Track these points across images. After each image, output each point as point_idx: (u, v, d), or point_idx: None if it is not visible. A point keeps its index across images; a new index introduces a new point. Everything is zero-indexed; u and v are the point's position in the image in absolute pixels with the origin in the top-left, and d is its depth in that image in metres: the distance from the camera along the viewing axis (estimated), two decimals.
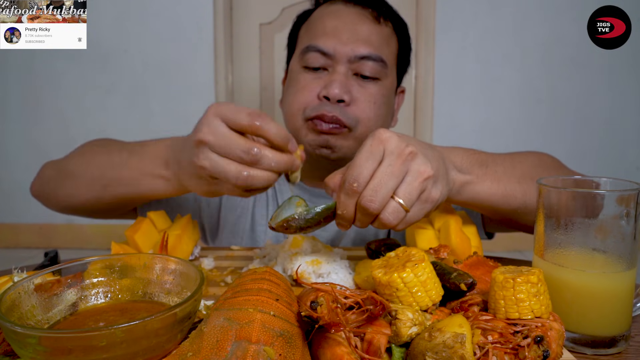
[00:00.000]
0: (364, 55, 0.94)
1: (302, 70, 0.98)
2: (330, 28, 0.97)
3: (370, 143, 0.62)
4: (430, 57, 3.11)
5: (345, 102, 0.93)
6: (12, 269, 0.62)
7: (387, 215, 0.61)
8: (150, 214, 0.82)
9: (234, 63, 3.22)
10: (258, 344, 0.38)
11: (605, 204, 0.54)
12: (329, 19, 0.99)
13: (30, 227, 3.35)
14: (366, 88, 0.96)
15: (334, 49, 0.95)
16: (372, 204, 0.60)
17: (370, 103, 0.96)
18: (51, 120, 3.25)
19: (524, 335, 0.45)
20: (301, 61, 0.99)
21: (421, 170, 0.62)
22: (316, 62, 0.96)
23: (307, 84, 0.96)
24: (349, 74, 0.96)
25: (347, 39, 0.95)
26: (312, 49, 0.96)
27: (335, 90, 0.92)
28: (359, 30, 0.96)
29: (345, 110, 0.94)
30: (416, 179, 0.62)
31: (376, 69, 0.96)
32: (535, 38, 3.11)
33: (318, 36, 0.97)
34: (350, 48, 0.94)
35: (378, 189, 0.60)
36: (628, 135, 3.23)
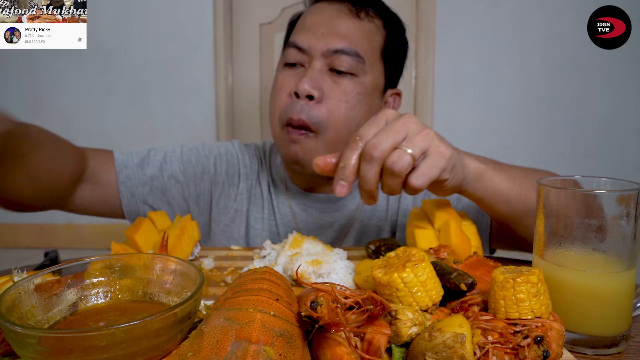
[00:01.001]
0: (337, 49, 0.93)
1: (282, 69, 0.99)
2: (309, 24, 0.97)
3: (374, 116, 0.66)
4: (430, 57, 3.11)
5: (315, 99, 0.91)
6: (12, 269, 0.62)
7: (394, 160, 0.62)
8: (150, 214, 0.82)
9: (234, 63, 3.22)
10: (258, 344, 0.38)
11: (605, 204, 0.54)
12: (309, 16, 0.99)
13: (30, 227, 3.35)
14: (339, 84, 0.93)
15: (309, 44, 0.94)
16: (375, 149, 0.62)
17: (341, 101, 0.93)
18: (51, 120, 3.25)
19: (524, 335, 0.45)
20: (282, 59, 0.99)
21: (423, 129, 0.64)
22: (293, 58, 0.96)
23: (284, 83, 0.96)
24: (324, 70, 0.94)
25: (322, 33, 0.94)
26: (290, 45, 0.97)
27: (304, 86, 0.90)
28: (335, 24, 0.95)
29: (313, 110, 0.91)
30: (419, 132, 0.64)
31: (352, 64, 0.93)
32: (535, 38, 3.11)
33: (297, 33, 0.97)
34: (324, 42, 0.93)
35: (381, 137, 0.62)
36: (628, 135, 3.23)
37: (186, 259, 0.66)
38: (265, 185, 1.09)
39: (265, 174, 1.11)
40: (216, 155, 1.10)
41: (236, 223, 1.08)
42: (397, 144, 0.63)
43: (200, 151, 1.10)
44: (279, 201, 1.08)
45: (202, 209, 1.09)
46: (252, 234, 1.07)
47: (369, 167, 0.63)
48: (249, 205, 1.09)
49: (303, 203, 1.07)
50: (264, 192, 1.09)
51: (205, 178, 1.08)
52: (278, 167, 1.10)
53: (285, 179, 1.09)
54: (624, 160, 3.24)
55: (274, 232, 1.07)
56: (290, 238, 0.79)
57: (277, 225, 1.07)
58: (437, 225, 0.77)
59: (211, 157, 1.10)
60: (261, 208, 1.08)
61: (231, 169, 1.10)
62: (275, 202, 1.08)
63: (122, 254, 0.58)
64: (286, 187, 1.08)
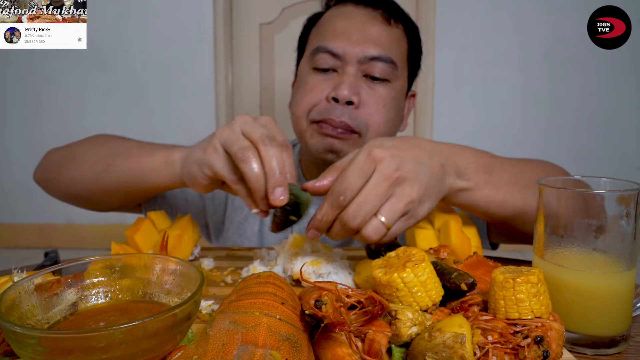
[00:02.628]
0: (374, 56, 0.93)
1: (311, 72, 0.98)
2: (340, 29, 0.96)
3: (363, 159, 0.64)
4: (430, 57, 3.11)
5: (354, 105, 0.92)
6: (12, 269, 0.62)
7: (369, 231, 0.63)
8: (150, 214, 0.82)
9: (234, 63, 3.22)
10: (264, 348, 0.38)
11: (605, 204, 0.54)
12: (338, 21, 0.98)
13: (30, 227, 3.35)
14: (376, 90, 0.95)
15: (344, 50, 0.94)
16: (354, 220, 0.62)
17: (379, 106, 0.95)
18: (51, 120, 3.25)
19: (524, 335, 0.45)
20: (310, 62, 0.98)
21: (406, 193, 0.64)
22: (325, 64, 0.95)
23: (316, 85, 0.96)
24: (359, 76, 0.95)
25: (357, 39, 0.94)
26: (321, 50, 0.95)
27: (344, 92, 0.91)
28: (369, 31, 0.95)
29: (354, 114, 0.93)
30: (400, 201, 0.64)
31: (386, 70, 0.95)
32: (535, 38, 3.11)
33: (328, 37, 0.96)
34: (360, 49, 0.93)
35: (362, 207, 0.62)
36: (628, 135, 3.23)
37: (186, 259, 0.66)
38: None
39: None
40: None
41: (249, 221, 1.08)
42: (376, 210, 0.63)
43: None
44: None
45: (217, 207, 1.10)
46: (266, 232, 1.08)
47: (343, 231, 0.65)
48: None
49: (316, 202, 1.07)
50: None
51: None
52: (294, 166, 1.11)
53: (300, 177, 1.10)
54: (624, 160, 3.24)
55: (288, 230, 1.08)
56: (290, 238, 0.79)
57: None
58: (437, 225, 0.77)
59: None
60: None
61: None
62: None
63: (122, 254, 0.58)
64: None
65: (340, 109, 0.92)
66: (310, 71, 0.98)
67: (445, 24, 3.10)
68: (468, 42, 3.13)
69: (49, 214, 3.26)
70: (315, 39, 1.00)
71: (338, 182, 0.64)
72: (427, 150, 0.69)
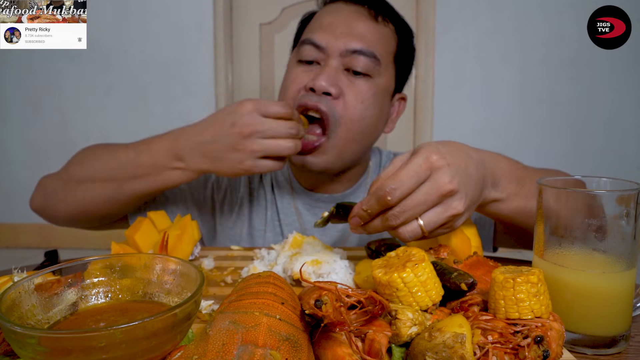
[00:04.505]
0: (355, 49, 0.93)
1: (296, 64, 0.99)
2: (326, 23, 0.97)
3: (420, 163, 0.63)
4: (430, 57, 3.11)
5: (331, 96, 0.92)
6: (12, 269, 0.62)
7: (405, 232, 0.64)
8: (150, 214, 0.82)
9: (234, 63, 3.22)
10: (264, 348, 0.38)
11: (605, 204, 0.54)
12: (326, 16, 0.99)
13: (30, 227, 3.34)
14: (355, 84, 0.94)
15: (327, 42, 0.94)
16: (396, 220, 0.63)
17: (357, 101, 0.94)
18: (51, 120, 3.25)
19: (524, 335, 0.45)
20: (296, 55, 0.99)
21: (454, 206, 0.64)
22: (309, 55, 0.96)
23: (297, 76, 0.97)
24: (340, 69, 0.95)
25: (341, 33, 0.95)
26: (306, 42, 0.97)
27: (321, 82, 0.91)
28: (354, 25, 0.96)
29: (330, 103, 0.92)
30: (446, 212, 0.64)
31: (368, 65, 0.94)
32: (535, 38, 3.11)
33: (314, 31, 0.98)
34: (343, 42, 0.94)
35: (407, 210, 0.63)
36: (628, 135, 3.22)
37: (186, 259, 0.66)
38: (268, 187, 1.10)
39: (269, 177, 1.11)
40: None
41: (238, 226, 1.08)
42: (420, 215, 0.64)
43: None
44: (283, 202, 1.08)
45: (206, 215, 1.09)
46: (256, 236, 1.08)
47: (381, 226, 0.66)
48: (252, 208, 1.09)
49: (308, 203, 1.08)
50: (267, 194, 1.09)
51: (208, 185, 1.09)
52: (284, 169, 1.11)
53: (291, 179, 1.09)
54: (624, 160, 3.24)
55: (278, 232, 1.08)
56: (290, 238, 0.79)
57: (281, 225, 1.08)
58: None
59: None
60: (264, 209, 1.09)
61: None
62: (279, 204, 1.08)
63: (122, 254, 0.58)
64: (291, 187, 1.09)
65: (317, 97, 0.92)
66: (295, 64, 0.99)
67: (445, 24, 3.10)
68: (468, 42, 3.13)
69: None
70: (304, 34, 1.02)
71: (390, 179, 0.63)
72: (474, 160, 0.69)
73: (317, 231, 1.06)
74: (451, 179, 0.63)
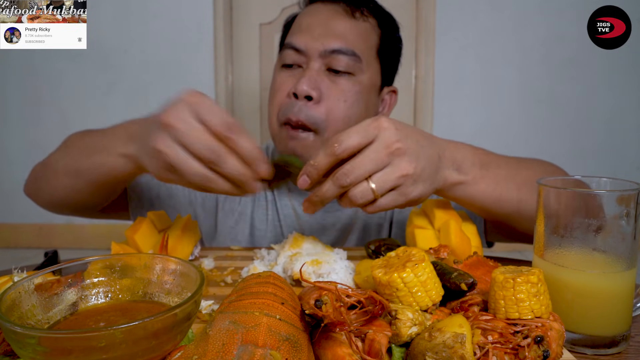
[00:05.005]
0: (334, 49, 0.93)
1: (280, 69, 0.99)
2: (305, 25, 0.97)
3: (368, 122, 0.66)
4: (430, 57, 3.11)
5: (313, 100, 0.91)
6: (12, 269, 0.62)
7: (355, 193, 0.65)
8: (150, 214, 0.82)
9: (234, 63, 3.22)
10: (264, 348, 0.38)
11: (605, 204, 0.54)
12: (304, 18, 1.00)
13: (30, 227, 3.35)
14: (338, 83, 0.94)
15: (305, 45, 0.94)
16: (345, 178, 0.64)
17: (339, 101, 0.93)
18: (51, 120, 3.25)
19: (524, 335, 0.45)
20: (280, 60, 1.00)
21: (402, 166, 0.65)
22: (290, 59, 0.96)
23: (282, 83, 0.97)
24: (322, 70, 0.94)
25: (319, 34, 0.95)
26: (287, 47, 0.97)
27: (302, 87, 0.90)
28: (331, 25, 0.96)
29: (312, 111, 0.91)
30: (395, 172, 0.65)
31: (349, 63, 0.94)
32: (535, 38, 3.11)
33: (293, 34, 0.98)
34: (321, 43, 0.94)
35: (356, 168, 0.64)
36: (628, 135, 3.22)
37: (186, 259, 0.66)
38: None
39: None
40: None
41: (240, 225, 1.08)
42: (370, 174, 0.64)
43: None
44: (282, 202, 1.08)
45: (208, 213, 1.09)
46: (257, 235, 1.08)
47: (333, 187, 0.66)
48: (253, 207, 1.09)
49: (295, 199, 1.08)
50: (268, 194, 1.09)
51: None
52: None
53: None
54: (624, 160, 3.24)
55: (278, 232, 1.08)
56: (290, 238, 0.79)
57: (281, 226, 1.08)
58: (437, 225, 0.77)
59: None
60: (265, 210, 1.09)
61: None
62: (278, 204, 1.08)
63: (122, 254, 0.58)
64: (288, 188, 1.09)
65: (298, 105, 0.91)
66: (279, 69, 0.99)
67: (445, 24, 3.10)
68: (468, 42, 3.13)
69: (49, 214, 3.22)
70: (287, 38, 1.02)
71: (338, 135, 0.65)
72: (428, 138, 0.71)
73: (317, 231, 1.07)
74: (398, 139, 0.65)
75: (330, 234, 1.07)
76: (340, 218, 1.07)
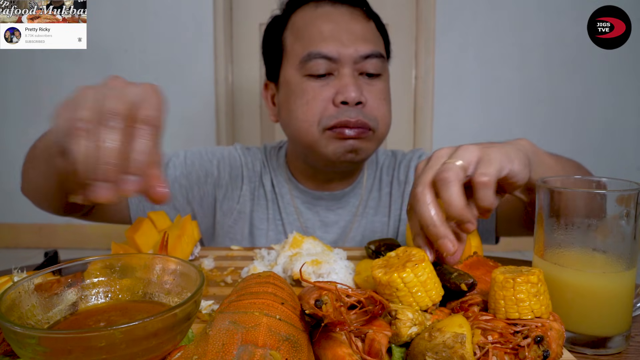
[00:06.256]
0: (367, 54, 0.95)
1: (306, 80, 0.95)
2: (328, 32, 0.95)
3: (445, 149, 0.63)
4: (430, 57, 3.11)
5: (362, 104, 0.94)
6: (12, 269, 0.62)
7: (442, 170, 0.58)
8: (150, 214, 0.82)
9: (234, 63, 3.21)
10: (264, 348, 0.38)
11: (605, 204, 0.54)
12: (322, 23, 0.97)
13: (30, 227, 3.34)
14: (374, 85, 0.97)
15: (338, 53, 0.93)
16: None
17: (381, 100, 0.98)
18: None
19: (524, 335, 0.45)
20: (302, 70, 0.96)
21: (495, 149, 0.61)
22: (321, 69, 0.94)
23: (317, 93, 0.94)
24: (355, 75, 0.95)
25: (348, 40, 0.94)
26: (314, 56, 0.94)
27: (352, 94, 0.92)
28: (355, 29, 0.96)
29: (365, 112, 0.94)
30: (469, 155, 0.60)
31: (378, 65, 0.97)
32: (535, 38, 3.11)
33: (317, 42, 0.95)
34: (354, 49, 0.94)
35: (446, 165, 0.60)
36: (628, 135, 3.22)
37: (186, 259, 0.66)
38: (269, 186, 1.10)
39: (268, 176, 1.11)
40: (219, 158, 1.11)
41: (239, 225, 1.08)
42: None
43: (203, 155, 1.10)
44: (284, 201, 1.08)
45: (206, 211, 1.09)
46: (257, 235, 1.08)
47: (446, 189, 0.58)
48: (253, 207, 1.09)
49: (308, 202, 1.08)
50: (268, 193, 1.09)
51: (209, 181, 1.08)
52: (282, 168, 1.11)
53: (289, 178, 1.10)
54: (624, 160, 3.24)
55: (280, 231, 1.08)
56: (290, 238, 0.79)
57: (283, 224, 1.08)
58: None
59: (214, 160, 1.10)
60: (265, 209, 1.09)
61: (234, 171, 1.11)
62: (280, 202, 1.08)
63: (122, 254, 0.58)
64: (290, 186, 1.09)
65: (352, 110, 0.93)
66: (304, 79, 0.96)
67: (445, 24, 3.10)
68: (468, 42, 3.13)
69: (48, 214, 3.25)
70: (298, 43, 0.98)
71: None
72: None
73: (319, 229, 1.07)
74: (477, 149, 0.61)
75: (332, 232, 1.07)
76: (342, 216, 1.07)
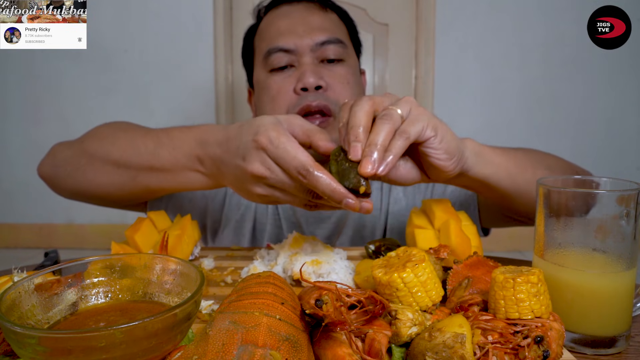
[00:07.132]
0: (323, 40, 0.98)
1: (270, 75, 1.00)
2: (285, 27, 1.00)
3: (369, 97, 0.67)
4: (430, 57, 3.11)
5: (322, 88, 0.96)
6: (12, 269, 0.62)
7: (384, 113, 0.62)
8: (150, 214, 0.82)
9: (234, 63, 3.22)
10: (264, 348, 0.38)
11: (605, 204, 0.54)
12: (280, 20, 1.02)
13: (30, 227, 3.34)
14: (335, 71, 0.99)
15: (295, 44, 0.98)
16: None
17: (344, 84, 0.99)
18: (51, 120, 3.25)
19: (524, 335, 0.45)
20: (266, 66, 1.01)
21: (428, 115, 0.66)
22: (282, 61, 0.99)
23: (281, 86, 0.98)
24: (316, 62, 0.99)
25: (303, 31, 0.98)
26: (273, 51, 0.99)
27: (310, 79, 0.94)
28: (310, 20, 1.00)
29: (326, 96, 0.96)
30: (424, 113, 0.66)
31: (338, 50, 1.00)
32: (535, 38, 3.11)
33: (275, 38, 1.00)
34: (309, 38, 0.98)
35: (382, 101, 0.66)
36: (628, 135, 3.23)
37: (186, 259, 0.66)
38: None
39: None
40: None
41: (246, 219, 1.10)
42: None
43: None
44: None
45: (217, 205, 1.11)
46: (258, 229, 1.10)
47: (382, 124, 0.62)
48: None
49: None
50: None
51: None
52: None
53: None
54: (624, 160, 3.24)
55: (278, 225, 1.10)
56: (290, 238, 0.79)
57: (280, 219, 1.09)
58: (437, 225, 0.77)
59: None
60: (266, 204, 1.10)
61: None
62: None
63: (122, 254, 0.58)
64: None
65: (312, 95, 0.95)
66: (269, 75, 1.01)
67: (445, 24, 3.10)
68: (468, 42, 3.13)
69: (49, 214, 3.26)
70: (263, 44, 1.03)
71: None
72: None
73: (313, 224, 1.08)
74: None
75: (325, 227, 1.08)
76: (335, 211, 1.08)
